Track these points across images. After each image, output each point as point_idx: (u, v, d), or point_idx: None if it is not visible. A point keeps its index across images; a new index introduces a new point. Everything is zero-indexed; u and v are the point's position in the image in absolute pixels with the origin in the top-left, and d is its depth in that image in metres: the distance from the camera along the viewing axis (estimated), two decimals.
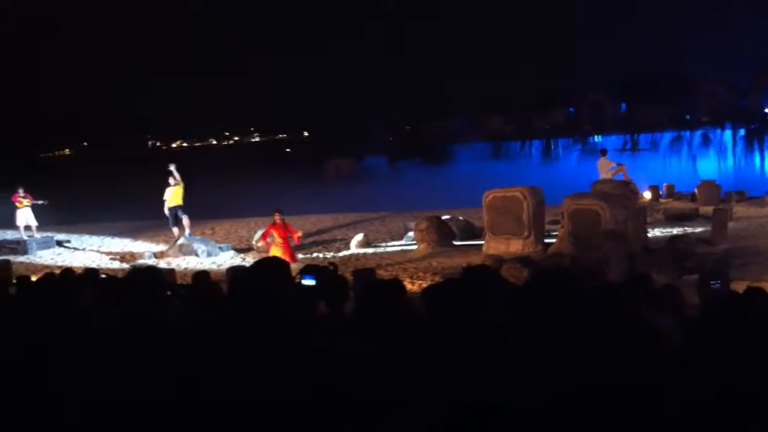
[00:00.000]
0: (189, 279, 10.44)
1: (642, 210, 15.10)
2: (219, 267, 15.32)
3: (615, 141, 65.17)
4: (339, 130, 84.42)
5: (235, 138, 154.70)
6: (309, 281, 3.88)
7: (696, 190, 20.75)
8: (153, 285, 3.10)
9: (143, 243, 20.21)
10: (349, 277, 6.83)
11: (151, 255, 17.47)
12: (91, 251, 19.38)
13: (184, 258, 16.97)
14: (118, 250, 19.37)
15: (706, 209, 17.60)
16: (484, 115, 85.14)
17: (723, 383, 2.39)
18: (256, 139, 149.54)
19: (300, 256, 15.80)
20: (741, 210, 18.16)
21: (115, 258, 17.84)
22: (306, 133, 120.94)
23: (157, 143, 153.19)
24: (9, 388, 2.75)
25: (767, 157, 51.89)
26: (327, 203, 26.24)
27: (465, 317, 2.85)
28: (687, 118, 72.44)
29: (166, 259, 17.04)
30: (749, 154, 54.82)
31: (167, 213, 18.06)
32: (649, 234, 14.83)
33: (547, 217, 15.59)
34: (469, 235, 17.14)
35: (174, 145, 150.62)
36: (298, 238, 15.21)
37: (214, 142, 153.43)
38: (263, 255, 12.16)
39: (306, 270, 4.21)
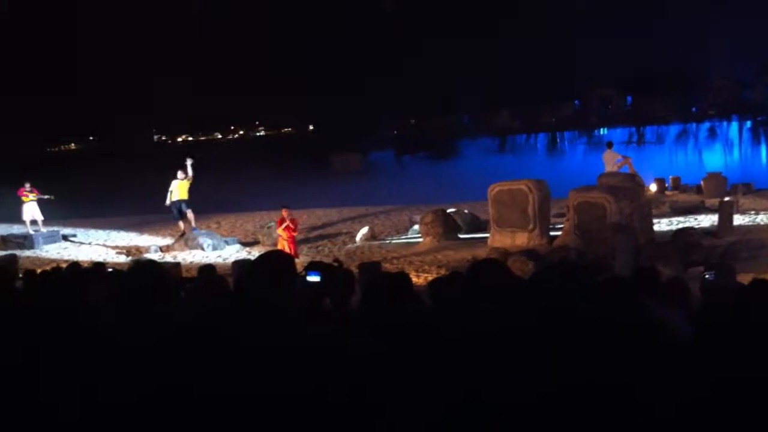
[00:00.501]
0: (195, 273, 10.49)
1: (648, 203, 15.05)
2: (225, 261, 15.35)
3: (621, 134, 64.91)
4: (345, 124, 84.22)
5: (240, 132, 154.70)
6: (314, 278, 3.87)
7: (702, 182, 20.67)
8: (154, 278, 3.09)
9: (149, 237, 20.26)
10: (355, 271, 6.83)
11: (157, 249, 17.51)
12: (97, 245, 19.43)
13: (189, 252, 17.00)
14: (124, 244, 19.41)
15: (712, 201, 17.54)
16: (490, 110, 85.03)
17: (726, 377, 2.38)
18: (261, 133, 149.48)
19: (305, 249, 15.79)
20: (748, 202, 18.09)
21: (122, 252, 17.88)
22: (311, 127, 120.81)
23: (163, 137, 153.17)
24: (13, 381, 2.75)
25: None
26: (333, 197, 26.22)
27: (472, 311, 2.85)
28: (693, 110, 72.24)
29: (171, 253, 17.08)
30: (756, 146, 54.52)
31: (168, 204, 18.02)
32: (655, 226, 14.79)
33: (553, 210, 15.56)
34: (475, 229, 17.13)
35: (179, 140, 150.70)
36: (294, 226, 15.02)
37: (219, 136, 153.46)
38: (269, 248, 12.15)
39: (311, 267, 4.21)
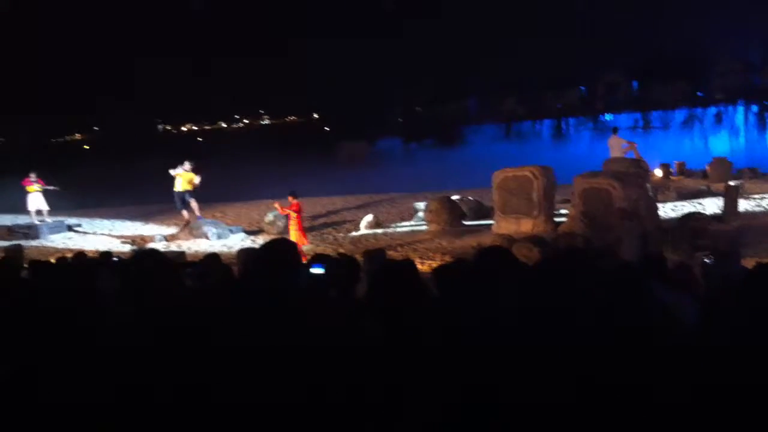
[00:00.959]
0: None
1: (654, 188, 14.99)
2: (230, 249, 15.36)
3: (626, 119, 64.67)
4: (350, 112, 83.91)
5: (245, 121, 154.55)
6: (318, 270, 3.87)
7: (708, 167, 20.55)
8: (157, 267, 3.08)
9: (154, 226, 20.29)
10: (360, 258, 6.82)
11: (162, 238, 17.52)
12: (102, 235, 19.46)
13: (194, 241, 17.02)
14: (129, 233, 19.44)
15: (717, 186, 17.45)
16: (496, 96, 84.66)
17: (733, 362, 2.36)
18: (266, 122, 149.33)
19: (309, 237, 15.78)
20: (754, 187, 17.99)
21: (127, 241, 17.90)
22: (316, 115, 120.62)
23: (168, 127, 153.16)
24: (21, 372, 2.75)
25: None
26: (337, 185, 26.19)
27: (478, 298, 2.83)
28: (699, 95, 71.86)
29: (176, 242, 17.09)
30: (762, 130, 54.25)
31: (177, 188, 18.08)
32: (660, 212, 14.74)
33: (558, 197, 15.52)
34: (480, 215, 17.09)
35: (184, 129, 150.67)
36: (297, 211, 14.72)
37: (224, 125, 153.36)
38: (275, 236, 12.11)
39: (315, 259, 4.22)
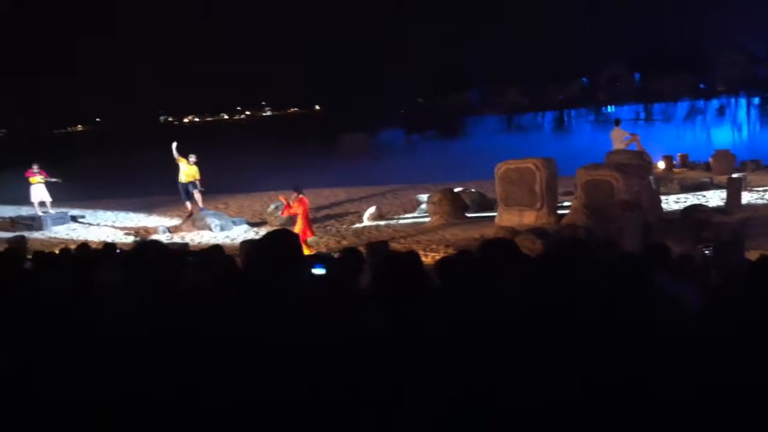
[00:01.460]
0: None
1: (657, 180, 14.97)
2: (233, 241, 15.37)
3: (628, 111, 64.55)
4: (352, 103, 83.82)
5: (247, 112, 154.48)
6: (319, 270, 3.88)
7: (710, 159, 20.51)
8: (159, 258, 3.09)
9: (157, 218, 20.31)
10: (363, 250, 6.83)
11: (165, 229, 17.54)
12: (106, 226, 19.49)
13: (198, 232, 17.03)
14: (132, 225, 19.47)
15: (720, 179, 17.43)
16: (498, 88, 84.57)
17: (737, 354, 2.36)
18: (268, 113, 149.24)
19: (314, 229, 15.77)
20: (757, 179, 17.96)
21: (130, 233, 17.92)
22: (318, 107, 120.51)
23: (170, 118, 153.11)
24: (22, 364, 2.76)
25: None
26: (339, 177, 26.17)
27: (482, 291, 2.83)
28: (702, 87, 71.72)
29: (180, 234, 17.11)
30: (765, 122, 54.11)
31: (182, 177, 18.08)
32: (663, 204, 14.72)
33: (561, 188, 15.51)
34: (483, 207, 17.09)
35: (186, 120, 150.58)
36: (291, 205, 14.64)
37: (226, 117, 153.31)
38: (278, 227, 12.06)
39: (316, 259, 4.23)
